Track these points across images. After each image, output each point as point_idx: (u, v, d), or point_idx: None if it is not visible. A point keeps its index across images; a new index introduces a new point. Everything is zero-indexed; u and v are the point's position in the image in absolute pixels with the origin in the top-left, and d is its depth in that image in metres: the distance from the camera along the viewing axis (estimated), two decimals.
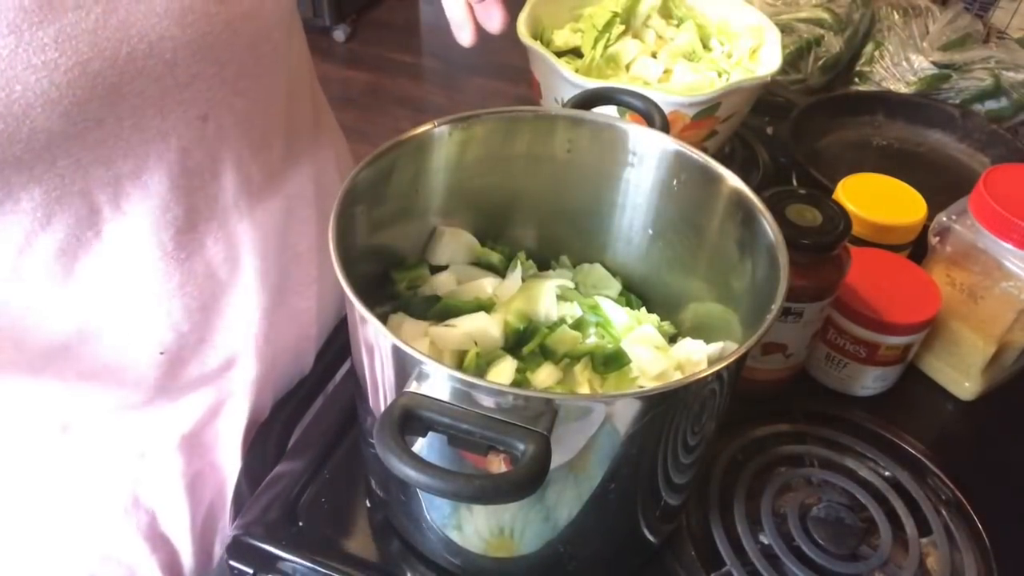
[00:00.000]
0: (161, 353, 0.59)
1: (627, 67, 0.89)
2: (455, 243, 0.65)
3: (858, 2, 1.18)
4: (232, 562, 0.59)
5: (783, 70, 1.12)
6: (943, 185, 0.91)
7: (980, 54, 1.14)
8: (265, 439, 0.69)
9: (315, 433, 0.68)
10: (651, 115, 0.64)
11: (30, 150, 0.45)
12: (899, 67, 1.15)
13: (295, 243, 0.67)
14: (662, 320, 0.65)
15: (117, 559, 0.66)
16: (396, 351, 0.46)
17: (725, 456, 0.67)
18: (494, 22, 0.63)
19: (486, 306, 0.61)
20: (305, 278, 0.69)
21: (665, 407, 0.47)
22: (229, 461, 0.69)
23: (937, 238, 0.76)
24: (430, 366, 0.43)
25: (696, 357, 0.59)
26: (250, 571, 0.59)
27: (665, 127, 0.63)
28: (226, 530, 0.71)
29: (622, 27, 0.91)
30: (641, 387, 0.57)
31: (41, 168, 0.44)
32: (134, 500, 0.65)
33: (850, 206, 0.78)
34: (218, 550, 0.72)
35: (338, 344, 0.75)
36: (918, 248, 0.81)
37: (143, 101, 0.49)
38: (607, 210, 0.66)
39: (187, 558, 0.69)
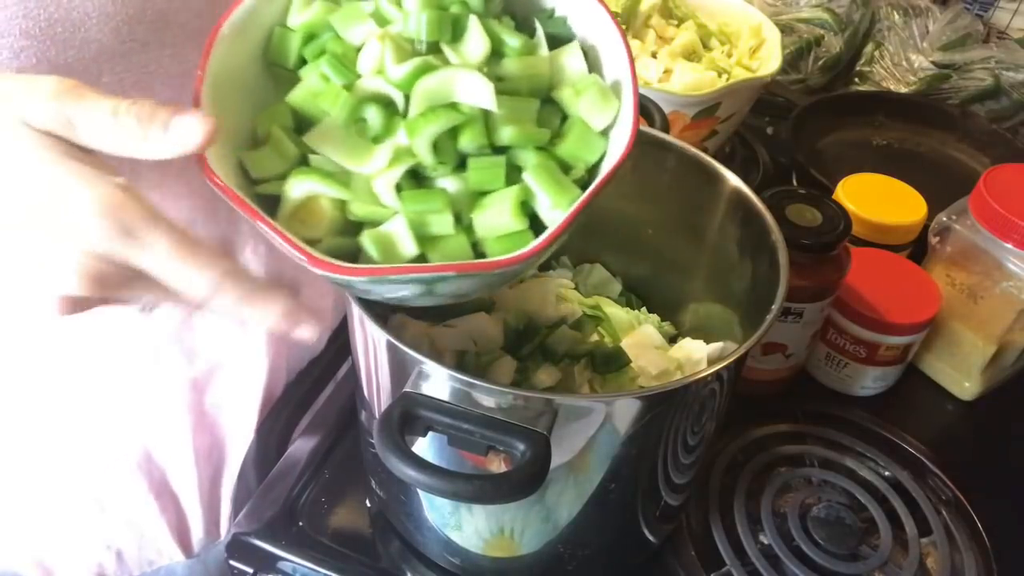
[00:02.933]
0: None
1: None
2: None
3: (858, 2, 1.18)
4: (232, 562, 0.59)
5: (783, 70, 1.12)
6: (943, 185, 0.91)
7: (980, 54, 1.14)
8: (276, 419, 0.69)
9: (315, 433, 0.68)
10: (651, 115, 0.64)
11: (80, 59, 0.47)
12: (899, 67, 1.15)
13: None
14: (662, 320, 0.65)
15: (127, 519, 0.67)
16: (395, 351, 0.46)
17: (725, 456, 0.67)
18: None
19: (486, 306, 0.61)
20: None
21: (665, 407, 0.47)
22: (241, 430, 0.69)
23: (937, 238, 0.76)
24: (430, 366, 0.43)
25: (696, 357, 0.59)
26: (250, 571, 0.59)
27: (665, 127, 0.63)
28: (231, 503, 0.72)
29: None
30: (641, 387, 0.57)
31: (85, 80, 0.45)
32: (146, 456, 0.66)
33: (850, 206, 0.78)
34: (224, 524, 0.72)
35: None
36: (918, 248, 0.81)
37: (184, 33, 0.52)
38: (607, 210, 0.66)
39: (196, 524, 0.70)
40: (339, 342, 0.76)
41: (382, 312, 0.60)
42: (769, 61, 0.89)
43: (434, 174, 0.41)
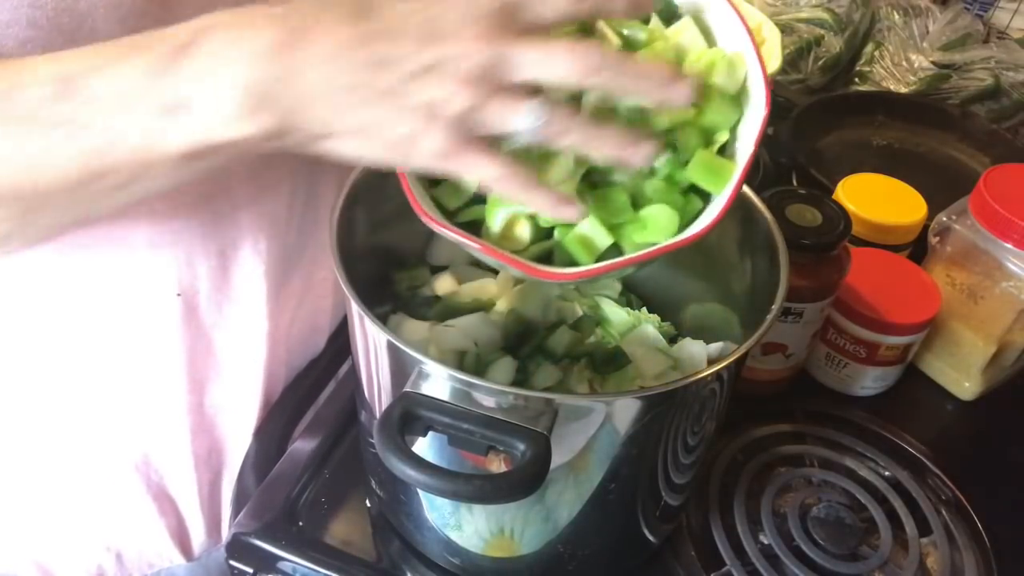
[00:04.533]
0: (178, 295, 0.60)
1: None
2: (456, 243, 0.65)
3: (858, 2, 1.18)
4: (232, 562, 0.59)
5: (783, 70, 1.12)
6: (943, 185, 0.91)
7: (980, 54, 1.14)
8: (276, 420, 0.69)
9: (315, 433, 0.68)
10: None
11: None
12: (899, 67, 1.15)
13: (316, 207, 0.67)
14: (662, 320, 0.65)
15: (127, 521, 0.67)
16: (395, 351, 0.46)
17: (725, 456, 0.67)
18: None
19: (486, 306, 0.61)
20: (325, 247, 0.70)
21: (665, 407, 0.47)
22: (241, 432, 0.69)
23: (937, 238, 0.76)
24: (430, 366, 0.43)
25: (696, 357, 0.59)
26: (250, 571, 0.59)
27: None
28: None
29: None
30: (641, 387, 0.57)
31: None
32: (144, 458, 0.66)
33: (850, 206, 0.78)
34: (226, 526, 0.72)
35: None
36: (918, 248, 0.81)
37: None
38: None
39: (196, 527, 0.70)
40: (339, 342, 0.76)
41: (382, 312, 0.60)
42: (769, 61, 0.89)
43: (605, 171, 0.45)
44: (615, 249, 0.45)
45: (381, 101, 0.37)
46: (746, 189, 0.57)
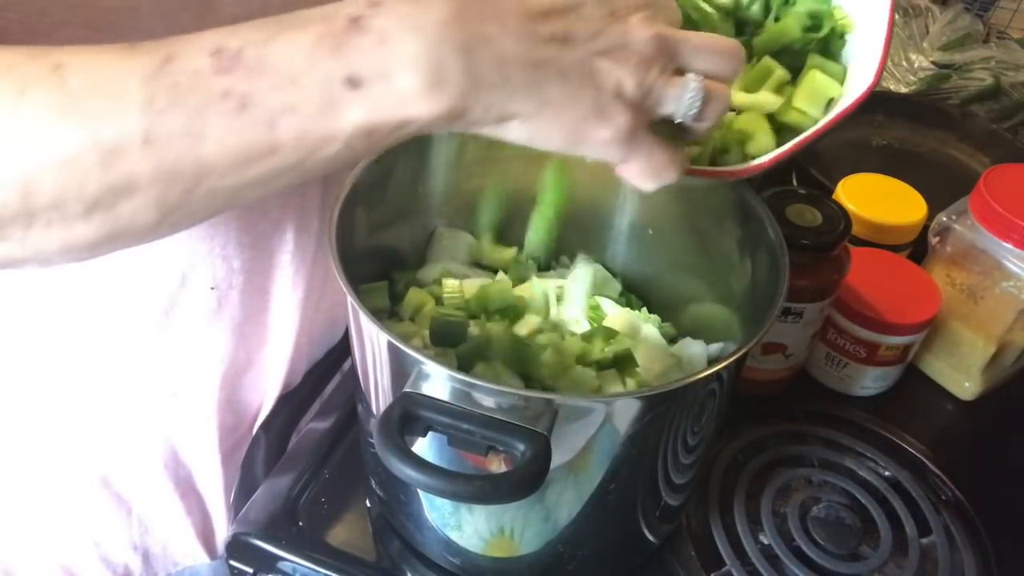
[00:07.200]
0: (212, 288, 0.60)
1: None
2: (455, 243, 0.65)
3: None
4: (232, 562, 0.59)
5: None
6: (943, 185, 0.91)
7: (980, 54, 1.14)
8: (283, 413, 0.69)
9: (316, 432, 0.68)
10: None
11: None
12: (899, 67, 1.15)
13: (333, 192, 0.67)
14: (662, 320, 0.65)
15: (154, 520, 0.67)
16: (396, 351, 0.46)
17: (725, 456, 0.67)
18: None
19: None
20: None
21: (665, 407, 0.47)
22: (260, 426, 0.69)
23: (937, 238, 0.76)
24: (430, 366, 0.43)
25: (696, 357, 0.59)
26: (250, 571, 0.59)
27: None
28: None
29: None
30: (641, 387, 0.57)
31: None
32: (172, 455, 0.65)
33: (850, 206, 0.78)
34: None
35: None
36: (918, 248, 0.81)
37: (223, 20, 0.51)
38: (607, 210, 0.66)
39: (220, 524, 0.70)
40: (347, 336, 0.75)
41: (381, 312, 0.60)
42: None
43: None
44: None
45: (567, 78, 0.36)
46: (746, 189, 0.57)
